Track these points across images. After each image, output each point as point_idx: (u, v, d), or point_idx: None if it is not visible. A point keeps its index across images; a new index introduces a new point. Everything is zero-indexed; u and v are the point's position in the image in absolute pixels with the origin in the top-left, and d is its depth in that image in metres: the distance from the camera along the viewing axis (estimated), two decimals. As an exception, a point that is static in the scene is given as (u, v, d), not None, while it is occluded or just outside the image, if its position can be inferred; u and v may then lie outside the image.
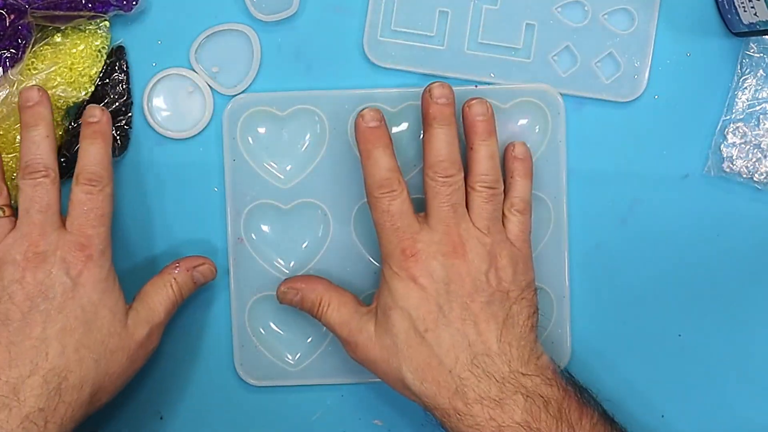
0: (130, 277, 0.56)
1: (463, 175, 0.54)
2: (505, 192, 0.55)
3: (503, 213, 0.55)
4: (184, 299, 0.56)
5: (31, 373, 0.49)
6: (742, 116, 0.59)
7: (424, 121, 0.54)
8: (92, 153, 0.53)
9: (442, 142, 0.53)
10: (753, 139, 0.59)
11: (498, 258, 0.53)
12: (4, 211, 0.53)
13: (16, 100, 0.55)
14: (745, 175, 0.59)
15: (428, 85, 0.54)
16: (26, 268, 0.51)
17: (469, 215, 0.53)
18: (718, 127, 0.59)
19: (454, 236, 0.52)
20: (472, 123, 0.54)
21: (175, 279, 0.55)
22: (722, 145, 0.59)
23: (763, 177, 0.59)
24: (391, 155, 0.54)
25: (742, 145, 0.59)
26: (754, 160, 0.59)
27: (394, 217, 0.53)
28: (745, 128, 0.59)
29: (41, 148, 0.53)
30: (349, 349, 0.55)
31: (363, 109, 0.54)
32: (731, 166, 0.59)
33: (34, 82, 0.56)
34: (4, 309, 0.51)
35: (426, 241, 0.52)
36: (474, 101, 0.54)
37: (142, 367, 0.55)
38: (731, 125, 0.59)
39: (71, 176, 0.54)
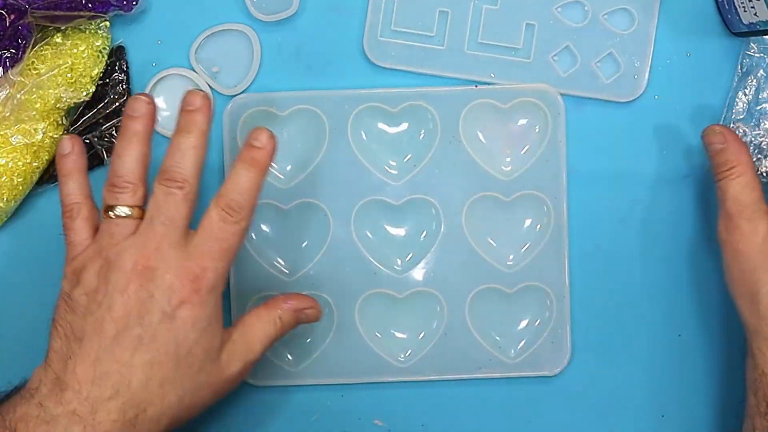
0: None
1: None
2: None
3: None
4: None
5: (111, 398, 0.46)
6: (742, 116, 0.59)
7: None
8: (243, 180, 0.49)
9: None
10: (753, 139, 0.59)
11: None
12: (133, 212, 0.49)
13: (16, 101, 0.55)
14: (745, 175, 0.59)
15: None
16: (131, 280, 0.47)
17: None
18: (718, 127, 0.59)
19: None
20: None
21: (280, 317, 0.51)
22: (722, 145, 0.59)
23: (763, 177, 0.59)
24: None
25: (742, 145, 0.59)
26: (754, 160, 0.59)
27: None
28: (745, 128, 0.59)
29: (186, 158, 0.49)
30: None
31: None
32: (731, 166, 0.59)
33: (33, 83, 0.56)
34: (100, 317, 0.47)
35: None
36: None
37: None
38: (731, 125, 0.59)
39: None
